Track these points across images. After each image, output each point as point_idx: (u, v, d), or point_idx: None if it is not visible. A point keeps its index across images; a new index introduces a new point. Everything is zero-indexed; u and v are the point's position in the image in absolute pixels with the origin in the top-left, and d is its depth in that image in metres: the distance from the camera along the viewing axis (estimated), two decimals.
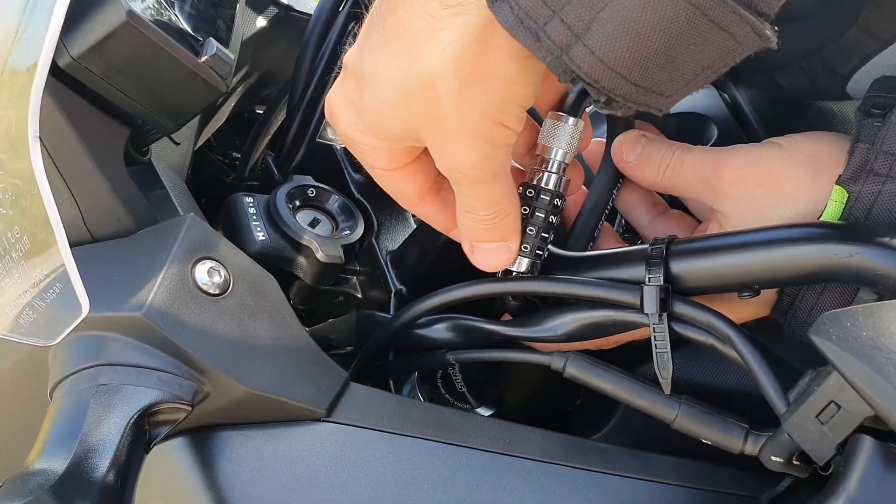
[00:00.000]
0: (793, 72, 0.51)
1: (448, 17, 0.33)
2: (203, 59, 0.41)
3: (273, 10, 0.65)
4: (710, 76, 0.33)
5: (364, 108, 0.37)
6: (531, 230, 0.44)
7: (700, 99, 0.60)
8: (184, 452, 0.42)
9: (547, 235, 0.45)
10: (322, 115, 0.60)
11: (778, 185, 0.42)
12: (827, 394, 0.35)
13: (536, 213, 0.44)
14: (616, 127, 0.49)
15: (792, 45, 0.48)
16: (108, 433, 0.36)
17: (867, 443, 0.32)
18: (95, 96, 0.41)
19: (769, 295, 0.44)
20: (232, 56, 0.43)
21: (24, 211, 0.36)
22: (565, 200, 0.45)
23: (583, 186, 0.51)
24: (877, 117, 0.39)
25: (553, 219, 0.44)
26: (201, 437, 0.42)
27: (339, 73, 0.60)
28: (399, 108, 0.35)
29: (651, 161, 0.46)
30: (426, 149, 0.39)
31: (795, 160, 0.42)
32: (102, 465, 0.35)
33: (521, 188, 0.44)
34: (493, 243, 0.42)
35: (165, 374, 0.39)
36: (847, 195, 0.40)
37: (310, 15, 0.66)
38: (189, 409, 0.39)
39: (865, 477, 0.31)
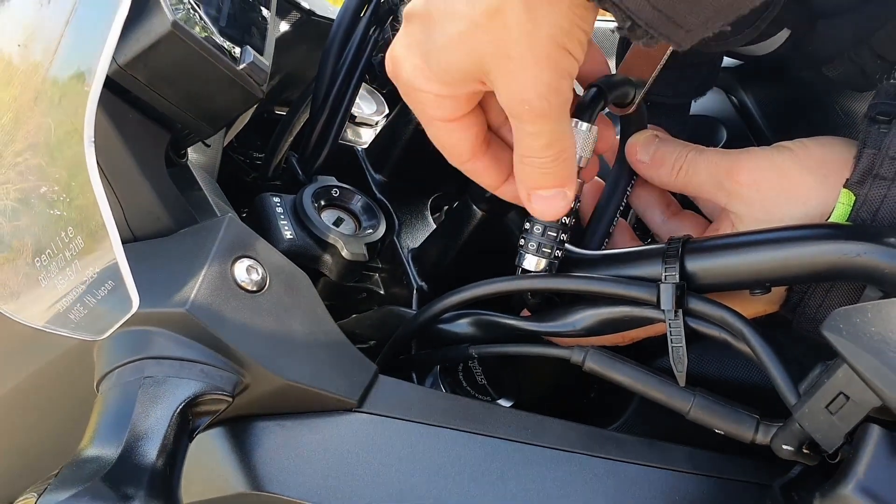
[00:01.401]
0: (841, 63, 0.52)
1: None
2: (241, 66, 0.43)
3: (296, 15, 0.67)
4: (727, 17, 0.34)
5: (431, 49, 0.38)
6: (550, 232, 0.46)
7: (710, 103, 0.62)
8: (223, 441, 0.44)
9: (563, 237, 0.47)
10: (345, 118, 0.62)
11: (789, 189, 0.44)
12: (837, 385, 0.37)
13: (548, 232, 0.46)
14: (629, 126, 0.51)
15: (840, 36, 0.50)
16: (156, 423, 0.38)
17: (875, 431, 0.34)
18: (139, 102, 0.43)
19: (779, 293, 0.46)
20: (268, 64, 0.45)
21: (76, 211, 0.38)
22: (579, 202, 0.47)
23: (598, 179, 0.53)
24: (883, 123, 0.41)
25: (567, 220, 0.46)
26: (240, 426, 0.44)
27: (360, 78, 0.62)
28: (467, 41, 0.36)
29: (665, 162, 0.48)
30: (481, 101, 0.40)
31: (806, 164, 0.44)
32: (151, 452, 0.37)
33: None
34: (551, 190, 0.42)
35: (207, 367, 0.41)
36: (854, 198, 0.42)
37: (331, 20, 0.68)
38: (230, 399, 0.41)
39: (874, 463, 0.34)
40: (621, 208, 0.52)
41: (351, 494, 0.43)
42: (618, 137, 0.53)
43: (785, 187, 0.44)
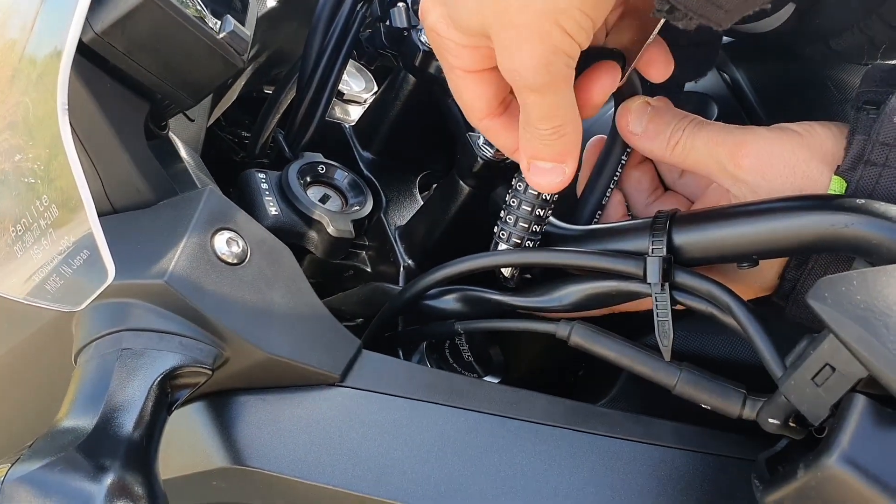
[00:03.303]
0: (850, 35, 0.51)
1: None
2: (221, 35, 0.43)
3: None
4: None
5: (452, 1, 0.38)
6: (522, 223, 0.47)
7: (701, 80, 0.61)
8: (204, 415, 0.43)
9: (542, 213, 0.47)
10: (332, 95, 0.61)
11: (794, 177, 0.43)
12: (823, 357, 0.36)
13: (523, 206, 0.46)
14: (622, 99, 0.51)
15: (850, 6, 0.49)
16: (133, 395, 0.38)
17: (861, 401, 0.34)
18: (117, 71, 0.42)
19: (771, 278, 0.46)
20: (249, 34, 0.45)
21: (51, 181, 0.37)
22: (556, 196, 0.47)
23: (598, 137, 0.52)
24: (871, 111, 0.41)
25: (541, 212, 0.47)
26: (220, 400, 0.44)
27: (347, 55, 0.62)
28: (478, 2, 0.36)
29: (659, 134, 0.46)
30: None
31: (815, 152, 0.43)
32: (128, 424, 0.37)
33: (514, 180, 0.46)
34: (549, 163, 0.42)
35: (187, 339, 0.40)
36: (846, 184, 0.41)
37: None
38: (209, 373, 0.41)
39: (858, 432, 0.33)
40: (615, 180, 0.51)
41: (333, 469, 0.43)
42: (612, 110, 0.52)
43: (791, 178, 0.43)
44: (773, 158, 0.43)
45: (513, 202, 0.48)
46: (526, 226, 0.48)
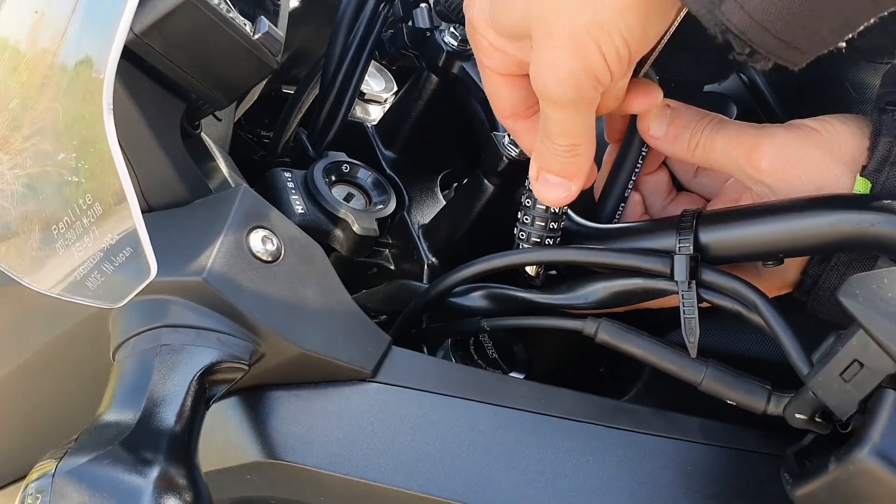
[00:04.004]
0: (872, 33, 0.51)
1: None
2: (256, 36, 0.43)
3: None
4: (844, 34, 0.35)
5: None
6: (539, 221, 0.48)
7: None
8: (239, 410, 0.44)
9: (553, 224, 0.48)
10: (354, 94, 0.62)
11: (812, 178, 0.43)
12: (851, 353, 0.37)
13: (538, 205, 0.48)
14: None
15: None
16: (174, 390, 0.39)
17: (892, 396, 0.34)
18: (154, 71, 0.43)
19: (793, 275, 0.46)
20: (282, 35, 0.45)
21: (94, 179, 0.38)
22: (566, 210, 0.48)
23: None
24: (895, 112, 0.41)
25: (554, 224, 0.48)
26: (256, 395, 0.44)
27: (369, 55, 0.62)
28: (525, 2, 0.37)
29: (680, 137, 0.46)
30: None
31: (832, 151, 0.43)
32: (170, 418, 0.38)
33: (528, 181, 0.47)
34: (558, 178, 0.44)
35: (224, 336, 0.41)
36: (871, 185, 0.41)
37: None
38: (246, 368, 0.42)
39: (888, 427, 0.34)
40: (633, 180, 0.52)
41: (365, 463, 0.43)
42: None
43: (810, 178, 0.43)
44: (789, 160, 0.43)
45: (528, 202, 0.49)
46: (543, 224, 0.48)
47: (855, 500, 0.35)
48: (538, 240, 0.49)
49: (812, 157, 0.44)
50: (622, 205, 0.52)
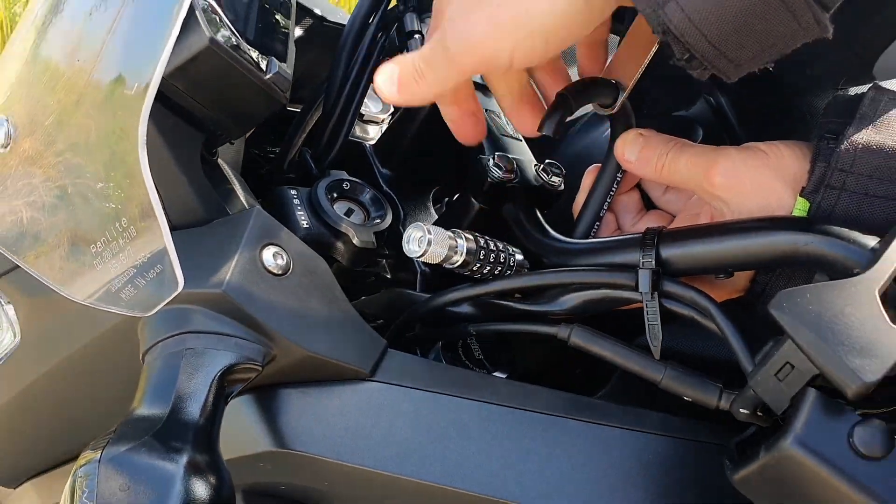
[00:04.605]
0: (824, 62, 0.57)
1: None
2: (268, 76, 0.49)
3: (308, 21, 0.72)
4: (773, 55, 0.40)
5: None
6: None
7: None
8: (253, 405, 0.50)
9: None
10: (354, 116, 0.68)
11: (761, 195, 0.49)
12: (784, 356, 0.43)
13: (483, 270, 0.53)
14: (617, 125, 0.57)
15: (825, 38, 0.55)
16: (198, 388, 0.44)
17: (812, 394, 0.40)
18: (177, 107, 0.48)
19: (743, 282, 0.52)
20: (290, 72, 0.51)
21: (129, 205, 0.44)
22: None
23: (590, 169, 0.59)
24: (831, 140, 0.47)
25: (497, 270, 0.54)
26: (268, 393, 0.50)
27: (369, 80, 0.68)
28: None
29: (650, 160, 0.53)
30: None
31: (778, 171, 0.49)
32: (195, 413, 0.43)
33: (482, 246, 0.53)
34: (396, 82, 0.49)
35: (241, 340, 0.47)
36: (809, 205, 0.47)
37: (341, 25, 0.74)
38: (259, 369, 0.47)
39: (810, 420, 0.40)
40: (608, 201, 0.57)
41: (364, 452, 0.49)
42: (608, 135, 0.59)
43: (757, 195, 0.49)
44: (741, 176, 0.49)
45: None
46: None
47: (782, 482, 0.41)
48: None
49: (760, 175, 0.50)
50: (598, 222, 0.58)
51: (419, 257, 0.51)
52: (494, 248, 0.53)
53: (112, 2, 0.48)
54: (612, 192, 0.58)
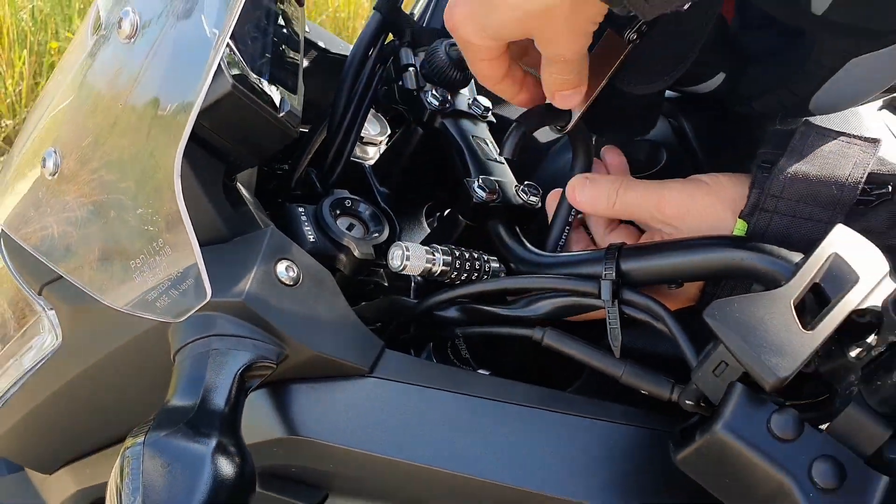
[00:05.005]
0: (767, 99, 0.66)
1: None
2: (281, 114, 0.57)
3: (313, 53, 0.80)
4: (680, 4, 0.47)
5: (490, 24, 0.54)
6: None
7: (654, 128, 0.76)
8: (268, 398, 0.58)
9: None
10: (356, 140, 0.76)
11: (707, 220, 0.57)
12: (719, 356, 0.51)
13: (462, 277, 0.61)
14: (577, 146, 0.66)
15: (765, 78, 0.63)
16: (223, 383, 0.52)
17: (738, 388, 0.48)
18: (203, 141, 0.56)
19: (693, 292, 0.60)
20: (300, 105, 0.59)
21: (165, 228, 0.51)
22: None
23: (556, 190, 0.67)
24: (766, 169, 0.55)
25: (474, 276, 0.62)
26: (281, 387, 0.58)
27: (368, 106, 0.76)
28: (522, 23, 0.52)
29: (599, 200, 0.61)
30: (508, 46, 0.57)
31: (720, 199, 0.57)
32: (221, 403, 0.51)
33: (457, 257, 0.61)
34: (570, 90, 0.59)
35: (258, 342, 0.55)
36: (746, 225, 0.55)
37: (343, 56, 0.82)
38: (274, 366, 0.55)
39: (736, 410, 0.47)
40: (571, 219, 0.66)
41: (364, 438, 0.57)
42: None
43: (703, 219, 0.58)
44: (687, 206, 0.57)
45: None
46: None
47: (714, 461, 0.49)
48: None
49: (704, 202, 0.58)
50: (564, 236, 0.66)
51: (401, 271, 0.59)
52: (470, 258, 0.61)
53: (148, 36, 0.55)
54: (572, 212, 0.66)
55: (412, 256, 0.59)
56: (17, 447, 0.76)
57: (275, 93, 0.58)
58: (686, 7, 0.49)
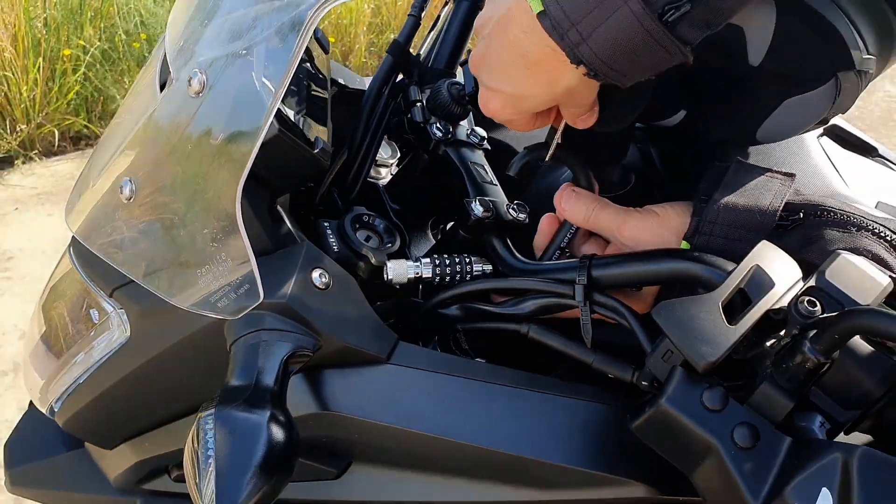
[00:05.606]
0: (718, 133, 0.79)
1: (561, 62, 0.58)
2: (316, 151, 0.70)
3: (334, 89, 0.93)
4: (653, 72, 0.59)
5: (523, 107, 0.64)
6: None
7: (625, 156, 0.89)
8: (306, 380, 0.71)
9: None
10: (371, 162, 0.89)
11: (656, 241, 0.70)
12: (666, 346, 0.64)
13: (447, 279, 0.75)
14: (577, 177, 0.79)
15: (719, 115, 0.77)
16: (272, 367, 0.65)
17: (679, 370, 0.61)
18: (252, 173, 0.69)
19: (654, 295, 0.74)
20: (329, 142, 0.72)
21: (225, 244, 0.65)
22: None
23: (555, 216, 0.80)
24: (704, 200, 0.68)
25: (458, 277, 0.76)
26: (315, 372, 0.71)
27: (382, 134, 0.89)
28: (549, 102, 0.63)
29: (578, 212, 0.74)
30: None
31: (667, 226, 0.70)
32: (271, 384, 0.64)
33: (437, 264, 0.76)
34: (586, 116, 0.69)
35: (298, 335, 0.68)
36: (690, 245, 0.69)
37: (361, 91, 0.95)
38: (311, 355, 0.68)
39: (676, 387, 0.61)
40: (566, 240, 0.79)
41: (383, 412, 0.70)
42: (567, 176, 0.80)
43: (655, 241, 0.71)
44: (642, 232, 0.71)
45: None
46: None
47: (660, 427, 0.62)
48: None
49: (654, 230, 0.71)
50: (557, 251, 0.79)
51: (390, 282, 0.76)
52: (451, 263, 0.76)
53: (214, 91, 0.68)
54: (570, 230, 0.79)
55: (391, 270, 0.76)
56: (84, 426, 0.90)
57: (310, 132, 0.72)
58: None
